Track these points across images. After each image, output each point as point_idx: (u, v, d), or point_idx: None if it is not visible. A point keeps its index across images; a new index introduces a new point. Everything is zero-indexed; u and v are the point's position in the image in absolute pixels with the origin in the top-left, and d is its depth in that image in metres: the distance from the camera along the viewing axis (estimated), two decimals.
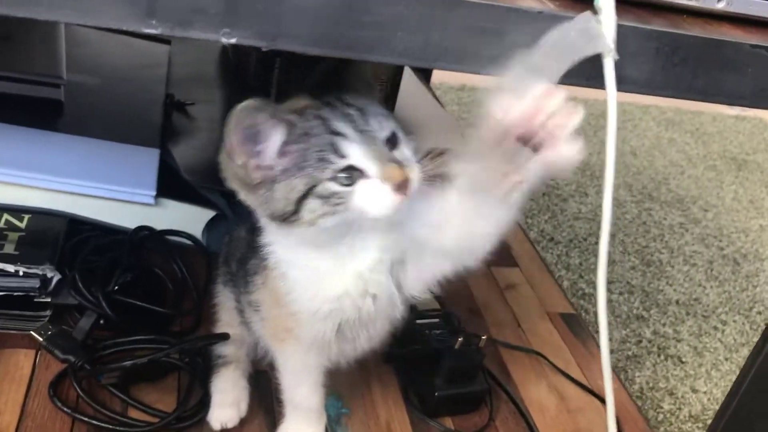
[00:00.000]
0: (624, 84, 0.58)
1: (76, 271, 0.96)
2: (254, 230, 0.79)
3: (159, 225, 1.08)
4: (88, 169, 1.04)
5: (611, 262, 1.82)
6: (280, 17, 0.50)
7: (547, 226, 1.91)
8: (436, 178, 0.71)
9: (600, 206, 0.68)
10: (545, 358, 1.12)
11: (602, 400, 1.08)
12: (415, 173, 0.68)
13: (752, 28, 0.61)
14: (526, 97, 0.54)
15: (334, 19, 0.52)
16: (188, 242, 1.10)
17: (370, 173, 0.67)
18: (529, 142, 0.57)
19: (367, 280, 0.75)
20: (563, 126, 0.57)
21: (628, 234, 1.96)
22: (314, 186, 0.66)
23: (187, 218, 1.09)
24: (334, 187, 0.66)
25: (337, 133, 0.67)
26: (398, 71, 1.31)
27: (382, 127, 0.69)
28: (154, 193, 1.05)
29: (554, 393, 1.07)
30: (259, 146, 0.66)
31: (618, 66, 0.57)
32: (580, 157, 0.59)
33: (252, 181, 0.68)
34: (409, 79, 1.54)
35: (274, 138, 0.67)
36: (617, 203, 2.09)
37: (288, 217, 0.68)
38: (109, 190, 1.03)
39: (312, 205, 0.67)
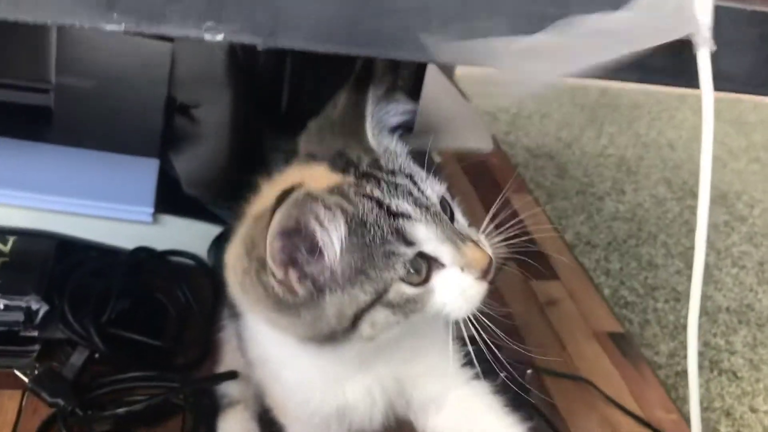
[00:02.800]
0: (717, 80, 0.46)
1: (66, 302, 0.85)
2: None
3: (159, 245, 0.97)
4: (79, 184, 0.93)
5: (654, 267, 1.69)
6: (277, 5, 0.38)
7: (583, 228, 1.78)
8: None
9: (639, 204, 0.56)
10: (594, 386, 1.00)
11: None
12: (490, 248, 0.55)
13: None
14: None
15: (350, 8, 0.40)
16: (192, 263, 0.99)
17: (445, 261, 0.52)
18: None
19: (376, 398, 0.61)
20: None
21: (670, 235, 1.82)
22: (384, 292, 0.51)
23: (190, 236, 0.98)
24: (408, 289, 0.51)
25: (399, 214, 0.51)
26: (422, 65, 1.19)
27: (434, 192, 0.54)
28: (152, 210, 0.94)
29: (607, 427, 0.95)
30: (306, 251, 0.50)
31: (713, 58, 0.44)
32: None
33: (293, 300, 0.51)
34: (431, 72, 1.43)
35: (336, 240, 0.50)
36: (656, 201, 1.95)
37: (337, 336, 0.52)
38: (102, 208, 0.93)
39: (377, 316, 0.51)
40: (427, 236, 0.51)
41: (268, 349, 0.61)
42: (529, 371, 0.86)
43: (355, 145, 0.56)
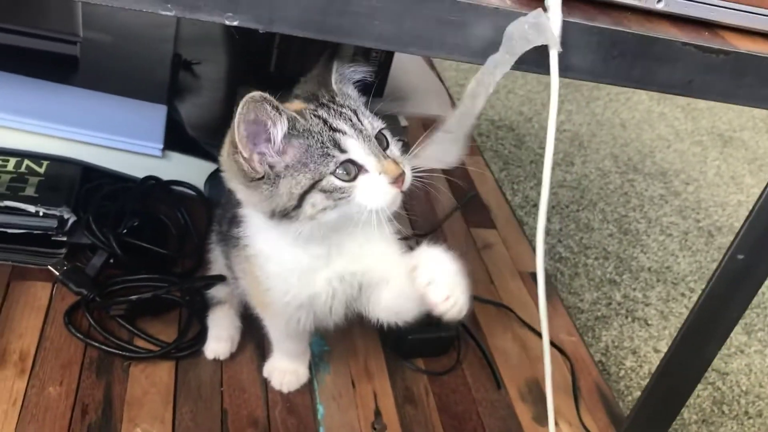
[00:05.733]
0: (569, 71, 0.67)
1: (90, 214, 1.06)
2: None
3: (165, 175, 1.18)
4: (101, 121, 1.14)
5: (590, 229, 1.92)
6: (273, 4, 0.59)
7: (532, 193, 2.01)
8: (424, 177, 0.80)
9: (585, 175, 0.78)
10: (513, 311, 1.23)
11: (562, 351, 1.19)
12: (408, 168, 0.77)
13: (687, 26, 0.70)
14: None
15: (320, 8, 0.61)
16: (191, 192, 1.20)
17: (369, 168, 0.74)
18: None
19: (336, 288, 0.83)
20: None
21: (609, 203, 2.06)
22: (319, 180, 0.72)
23: (191, 170, 1.19)
24: (337, 181, 0.72)
25: (337, 130, 0.74)
26: None
27: (373, 126, 0.77)
28: (161, 146, 1.14)
29: (518, 343, 1.18)
30: (264, 139, 0.71)
31: (564, 56, 0.66)
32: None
33: (255, 175, 0.72)
34: None
35: (279, 130, 0.71)
36: (601, 173, 2.18)
37: (289, 212, 0.74)
38: (120, 142, 1.13)
39: (315, 199, 0.73)
40: (355, 148, 0.74)
41: (259, 246, 0.84)
42: None
43: (324, 89, 0.79)
